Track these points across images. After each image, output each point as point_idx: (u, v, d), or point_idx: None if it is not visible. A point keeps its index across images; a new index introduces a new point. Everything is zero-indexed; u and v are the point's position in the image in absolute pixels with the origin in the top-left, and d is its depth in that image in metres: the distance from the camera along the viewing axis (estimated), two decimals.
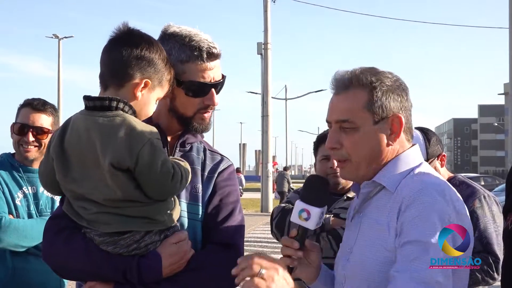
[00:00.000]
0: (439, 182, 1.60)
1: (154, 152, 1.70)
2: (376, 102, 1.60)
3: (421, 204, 1.51)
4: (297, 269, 1.76)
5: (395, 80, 1.65)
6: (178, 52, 1.88)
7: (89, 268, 1.75)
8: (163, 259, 1.75)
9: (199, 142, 2.05)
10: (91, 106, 1.74)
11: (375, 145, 1.62)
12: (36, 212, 2.78)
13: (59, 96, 33.33)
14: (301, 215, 1.71)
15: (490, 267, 2.63)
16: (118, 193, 1.70)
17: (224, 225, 1.93)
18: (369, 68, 1.67)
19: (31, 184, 2.80)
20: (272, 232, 3.05)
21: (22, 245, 2.66)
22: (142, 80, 1.76)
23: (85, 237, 1.76)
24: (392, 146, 1.63)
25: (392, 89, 1.62)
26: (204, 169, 1.99)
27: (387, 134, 1.62)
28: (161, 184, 1.72)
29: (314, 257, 1.80)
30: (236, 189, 2.04)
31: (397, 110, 1.61)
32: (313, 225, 1.70)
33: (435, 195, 1.52)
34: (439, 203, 1.51)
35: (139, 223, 1.74)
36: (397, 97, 1.62)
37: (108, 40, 1.79)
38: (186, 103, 1.93)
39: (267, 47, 22.81)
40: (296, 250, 1.71)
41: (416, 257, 1.47)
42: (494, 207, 2.79)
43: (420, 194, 1.52)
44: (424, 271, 1.45)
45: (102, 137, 1.69)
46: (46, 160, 1.83)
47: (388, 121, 1.61)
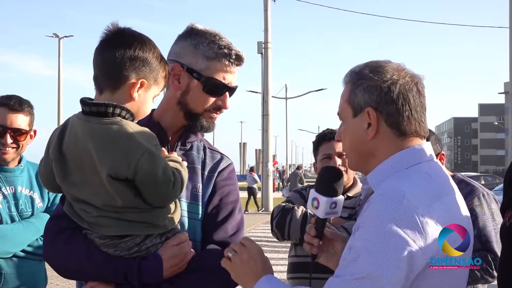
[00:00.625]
0: (399, 187, 1.52)
1: (153, 161, 1.67)
2: (353, 96, 1.65)
3: (371, 211, 1.49)
4: (322, 257, 1.86)
5: (391, 73, 1.63)
6: (206, 48, 1.91)
7: (90, 269, 1.74)
8: (164, 262, 1.74)
9: (199, 141, 2.04)
10: (88, 112, 1.71)
11: (354, 137, 1.67)
12: (17, 213, 2.71)
13: (60, 96, 33.33)
14: (313, 203, 1.80)
15: (489, 265, 2.63)
16: (118, 200, 1.69)
17: (224, 225, 1.93)
18: (374, 62, 1.68)
19: (9, 183, 2.74)
20: (272, 231, 3.05)
21: (11, 251, 2.63)
22: (138, 80, 1.73)
23: (86, 238, 1.76)
24: (373, 140, 1.63)
25: (373, 83, 1.62)
26: (204, 168, 1.99)
27: (364, 128, 1.63)
28: (162, 192, 1.71)
29: (339, 247, 1.84)
30: (236, 188, 2.03)
31: (373, 104, 1.61)
32: (322, 213, 1.77)
33: (390, 202, 1.47)
34: (389, 211, 1.46)
35: (139, 227, 1.73)
36: (375, 90, 1.61)
37: (99, 41, 1.76)
38: (199, 98, 1.93)
39: (267, 46, 22.81)
40: (313, 238, 1.81)
41: (348, 264, 1.47)
42: (493, 205, 2.79)
43: (375, 201, 1.51)
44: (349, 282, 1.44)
45: (98, 146, 1.67)
46: (46, 161, 1.81)
47: (364, 115, 1.63)
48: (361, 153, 1.67)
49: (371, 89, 1.62)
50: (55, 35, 33.53)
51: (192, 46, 1.92)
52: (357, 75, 1.66)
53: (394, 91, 1.60)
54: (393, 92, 1.60)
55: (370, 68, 1.65)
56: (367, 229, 1.47)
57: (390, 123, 1.62)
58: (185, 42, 1.95)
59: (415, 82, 1.63)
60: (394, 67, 1.64)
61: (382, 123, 1.62)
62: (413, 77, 1.64)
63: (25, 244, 2.67)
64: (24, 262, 2.68)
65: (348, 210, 2.90)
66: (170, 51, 1.99)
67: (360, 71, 1.66)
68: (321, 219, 1.80)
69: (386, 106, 1.61)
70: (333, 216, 1.81)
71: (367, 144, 1.64)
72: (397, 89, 1.60)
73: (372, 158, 1.65)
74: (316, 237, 1.82)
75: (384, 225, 1.44)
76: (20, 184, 2.77)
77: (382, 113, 1.61)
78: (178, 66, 1.92)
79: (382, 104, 1.61)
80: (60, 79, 33.64)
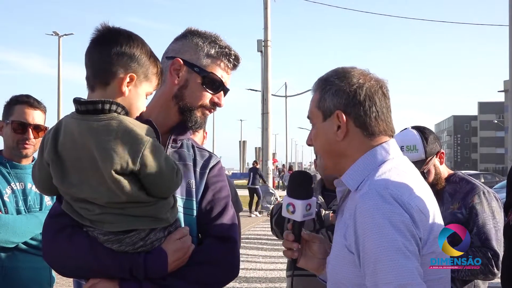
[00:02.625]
0: (382, 182, 1.61)
1: (156, 151, 1.70)
2: (323, 101, 1.73)
3: (363, 212, 1.55)
4: (302, 260, 1.90)
5: (357, 78, 1.71)
6: (208, 47, 1.98)
7: (94, 266, 1.75)
8: (169, 255, 1.77)
9: (187, 139, 2.08)
10: (84, 110, 1.72)
11: (325, 140, 1.75)
12: (24, 208, 2.75)
13: (59, 94, 33.33)
14: (288, 209, 1.85)
15: (489, 261, 2.64)
16: (122, 196, 1.69)
17: (219, 219, 1.97)
18: (341, 69, 1.78)
19: (19, 180, 2.78)
20: (272, 229, 3.06)
21: (13, 241, 2.64)
22: (126, 75, 1.74)
23: (89, 235, 1.76)
24: (343, 141, 1.71)
25: (340, 88, 1.71)
26: (196, 165, 2.02)
27: (334, 130, 1.71)
28: (168, 181, 1.74)
29: (316, 248, 1.90)
30: (226, 185, 2.08)
31: (342, 107, 1.69)
32: (300, 216, 1.83)
33: (373, 199, 1.55)
34: (377, 208, 1.54)
35: (143, 221, 1.74)
36: (343, 94, 1.70)
37: (89, 42, 1.78)
38: (197, 93, 1.97)
39: (267, 44, 22.80)
40: (291, 242, 1.87)
41: (373, 272, 1.51)
42: (494, 203, 2.79)
43: (361, 200, 1.58)
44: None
45: (100, 144, 1.67)
46: (41, 164, 1.81)
47: (333, 118, 1.71)
48: (333, 154, 1.75)
49: (339, 93, 1.71)
50: (55, 33, 33.54)
51: (194, 44, 1.98)
52: (325, 81, 1.75)
53: (360, 94, 1.69)
54: (359, 95, 1.70)
55: (337, 74, 1.74)
56: (370, 238, 1.52)
57: (359, 124, 1.70)
58: (185, 40, 2.01)
59: (380, 85, 1.74)
60: (359, 72, 1.74)
61: (351, 124, 1.70)
62: (378, 81, 1.74)
63: (27, 236, 2.67)
64: (26, 256, 2.68)
65: None
66: (168, 49, 2.03)
67: (327, 78, 1.76)
68: (298, 223, 1.85)
69: (354, 108, 1.70)
70: (309, 217, 1.86)
71: (338, 145, 1.72)
72: (364, 92, 1.70)
73: (343, 158, 1.73)
74: (294, 241, 1.87)
75: (382, 228, 1.50)
76: (30, 181, 2.79)
77: (351, 115, 1.70)
78: (178, 61, 1.96)
79: (350, 107, 1.70)
80: (60, 77, 33.64)
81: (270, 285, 8.29)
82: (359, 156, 1.70)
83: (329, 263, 1.74)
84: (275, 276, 8.93)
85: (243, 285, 8.16)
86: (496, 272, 2.65)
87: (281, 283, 8.21)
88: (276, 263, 10.10)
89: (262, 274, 9.12)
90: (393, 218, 1.50)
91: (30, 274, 2.70)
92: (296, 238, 1.87)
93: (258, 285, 8.28)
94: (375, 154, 1.69)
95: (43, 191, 1.91)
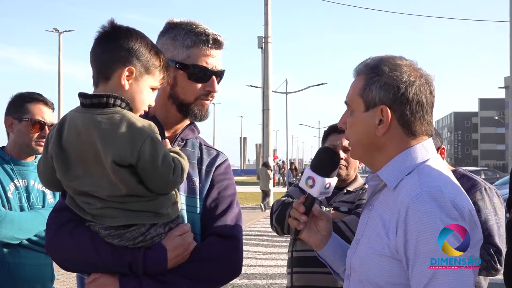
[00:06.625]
0: (435, 183, 1.57)
1: (155, 147, 1.71)
2: (368, 91, 1.65)
3: (419, 215, 1.52)
4: (305, 233, 1.88)
5: (408, 74, 1.64)
6: (184, 38, 1.96)
7: (96, 260, 1.76)
8: (169, 252, 1.78)
9: (195, 138, 2.09)
10: (88, 104, 1.75)
11: (363, 132, 1.68)
12: (27, 205, 2.77)
13: (60, 90, 33.34)
14: (307, 182, 1.82)
15: (492, 257, 2.64)
16: (122, 189, 1.71)
17: (224, 218, 1.97)
18: (391, 59, 1.69)
19: (22, 177, 2.80)
20: (272, 226, 3.05)
21: (17, 237, 2.65)
22: (124, 68, 1.76)
23: (90, 230, 1.78)
24: (383, 136, 1.65)
25: (389, 82, 1.63)
26: (202, 163, 2.03)
27: (375, 124, 1.65)
28: (163, 178, 1.74)
29: (323, 225, 1.89)
30: (233, 183, 2.08)
31: (388, 103, 1.63)
32: (317, 193, 1.80)
33: (430, 202, 1.51)
34: (434, 212, 1.51)
35: (144, 216, 1.76)
36: (391, 89, 1.62)
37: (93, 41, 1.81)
38: (188, 88, 1.97)
39: (267, 40, 22.80)
40: (301, 214, 1.84)
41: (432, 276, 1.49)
42: (496, 199, 2.80)
43: (415, 202, 1.53)
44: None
45: (102, 135, 1.70)
46: (45, 159, 1.83)
47: (377, 111, 1.64)
48: (368, 146, 1.69)
49: (387, 87, 1.63)
50: (55, 30, 33.53)
51: (170, 40, 1.97)
52: (373, 70, 1.66)
53: (410, 92, 1.63)
54: (409, 93, 1.63)
55: (387, 65, 1.65)
56: (424, 241, 1.50)
57: (402, 122, 1.64)
58: (164, 37, 2.01)
59: (429, 83, 1.67)
60: (409, 66, 1.67)
61: (395, 121, 1.64)
62: (426, 79, 1.67)
63: (31, 232, 2.68)
64: (29, 253, 2.69)
65: (347, 205, 2.90)
66: None
67: (376, 66, 1.67)
68: (312, 197, 1.83)
69: (401, 106, 1.63)
70: (325, 196, 1.85)
71: (376, 139, 1.66)
72: (413, 91, 1.63)
73: (378, 153, 1.68)
74: (304, 214, 1.84)
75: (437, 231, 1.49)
76: (33, 178, 2.82)
77: (396, 112, 1.63)
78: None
79: (397, 104, 1.63)
80: (60, 74, 33.64)
81: (271, 281, 8.30)
82: (395, 153, 1.65)
83: (355, 258, 1.70)
84: (276, 272, 8.94)
85: (244, 282, 8.17)
86: (499, 268, 2.65)
87: (281, 280, 8.22)
88: (277, 260, 10.11)
89: (262, 270, 9.14)
90: (449, 223, 1.49)
91: (33, 271, 2.71)
92: (306, 211, 1.84)
93: (259, 281, 8.29)
94: (416, 152, 1.64)
95: (48, 186, 1.93)
